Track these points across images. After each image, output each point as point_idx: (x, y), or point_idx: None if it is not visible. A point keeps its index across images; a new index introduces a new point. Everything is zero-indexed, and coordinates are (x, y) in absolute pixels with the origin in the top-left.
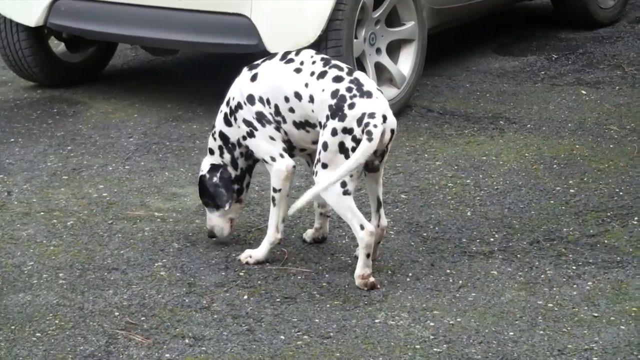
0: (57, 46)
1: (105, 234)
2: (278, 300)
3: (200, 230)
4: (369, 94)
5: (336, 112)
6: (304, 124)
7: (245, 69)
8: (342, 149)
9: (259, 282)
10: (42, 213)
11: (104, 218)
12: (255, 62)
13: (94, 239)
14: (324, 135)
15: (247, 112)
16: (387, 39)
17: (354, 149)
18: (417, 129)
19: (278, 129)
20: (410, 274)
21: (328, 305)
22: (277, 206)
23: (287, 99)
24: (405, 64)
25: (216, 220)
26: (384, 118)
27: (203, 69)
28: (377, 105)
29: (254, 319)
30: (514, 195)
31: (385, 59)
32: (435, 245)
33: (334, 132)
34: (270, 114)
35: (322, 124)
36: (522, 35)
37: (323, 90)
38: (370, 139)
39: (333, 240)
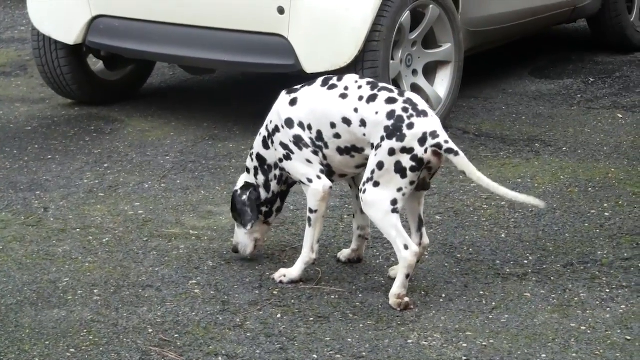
0: (96, 64)
1: (140, 252)
2: (311, 319)
3: None
4: (424, 114)
5: (394, 132)
6: (349, 149)
7: (283, 93)
8: (398, 169)
9: (293, 301)
10: (78, 230)
11: (140, 235)
12: (295, 87)
13: (129, 256)
14: (379, 156)
15: (285, 136)
16: (423, 60)
17: (412, 169)
18: None
19: (316, 152)
20: (443, 295)
21: (361, 325)
22: (313, 227)
23: (333, 125)
24: (442, 85)
25: (242, 237)
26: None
27: (240, 88)
28: (436, 124)
29: (287, 338)
30: (549, 217)
31: (421, 81)
32: (469, 266)
33: (392, 152)
34: (311, 139)
35: (376, 145)
36: (558, 59)
37: (377, 112)
38: (456, 153)
39: (367, 261)
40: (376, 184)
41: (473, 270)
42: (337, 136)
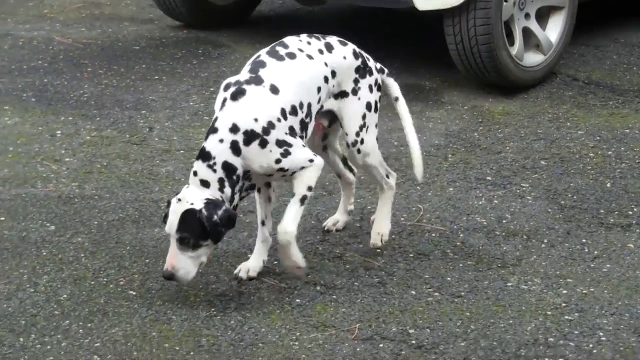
0: None
1: None
2: (411, 255)
3: (337, 180)
4: None
5: (365, 69)
6: (318, 111)
7: (251, 87)
8: (374, 104)
9: (393, 236)
10: (181, 151)
11: None
12: (250, 76)
13: None
14: (362, 98)
15: (281, 130)
16: (536, 4)
17: (380, 99)
18: (561, 97)
19: (303, 138)
20: (545, 241)
21: (461, 265)
22: (305, 205)
23: (319, 89)
24: (554, 30)
25: (184, 262)
26: None
27: (347, 21)
28: None
29: (386, 272)
30: None
31: (533, 25)
32: (572, 213)
33: (370, 89)
34: (302, 120)
35: (350, 90)
36: None
37: (345, 57)
38: (392, 77)
39: (470, 201)
40: (367, 129)
41: (576, 217)
42: (319, 100)
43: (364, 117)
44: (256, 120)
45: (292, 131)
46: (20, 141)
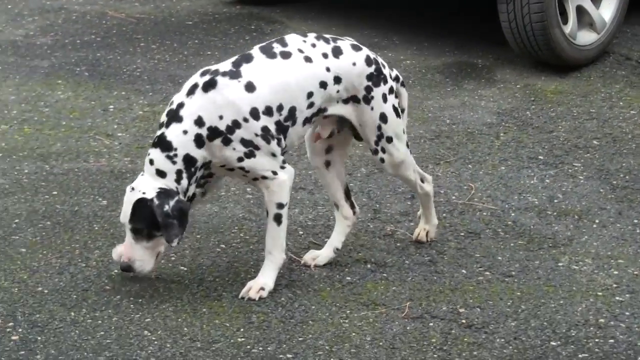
0: None
1: (294, 154)
2: (462, 234)
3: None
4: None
5: (379, 77)
6: (313, 116)
7: (225, 79)
8: (394, 111)
9: (444, 214)
10: None
11: None
12: (230, 69)
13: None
14: (376, 108)
15: (248, 130)
16: None
17: (399, 105)
18: (614, 77)
19: (280, 139)
20: (597, 221)
21: (512, 244)
22: (283, 223)
23: (310, 95)
24: (607, 9)
25: (140, 253)
26: None
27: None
28: None
29: (437, 251)
30: None
31: (587, 3)
32: (624, 194)
33: (385, 98)
34: (278, 121)
35: (362, 97)
36: None
37: (354, 64)
38: (405, 86)
39: (521, 180)
40: (389, 139)
41: (628, 198)
42: (310, 105)
43: (379, 128)
44: (221, 117)
45: (265, 132)
46: (73, 116)
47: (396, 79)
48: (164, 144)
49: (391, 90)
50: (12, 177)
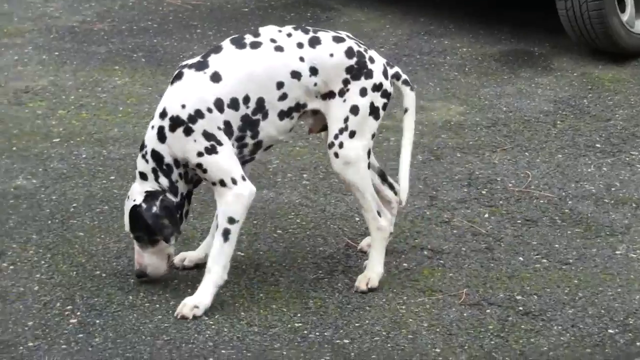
0: None
1: None
2: (519, 221)
3: (446, 145)
4: (368, 47)
5: (360, 70)
6: (292, 110)
7: (191, 71)
8: (372, 110)
9: (501, 202)
10: None
11: None
12: (195, 61)
13: None
14: (349, 100)
15: (211, 122)
16: None
17: (384, 107)
18: None
19: (243, 137)
20: None
21: (569, 232)
22: (231, 241)
23: (280, 85)
24: None
25: (149, 259)
26: None
27: None
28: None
29: (494, 238)
30: None
31: None
32: None
33: (363, 92)
34: (246, 115)
35: (338, 91)
36: None
37: (332, 55)
38: (412, 88)
39: (579, 168)
40: (352, 134)
41: None
42: (283, 97)
43: (346, 119)
44: (183, 106)
45: (227, 127)
46: (130, 101)
47: (395, 76)
48: (141, 145)
49: (377, 87)
50: (69, 162)
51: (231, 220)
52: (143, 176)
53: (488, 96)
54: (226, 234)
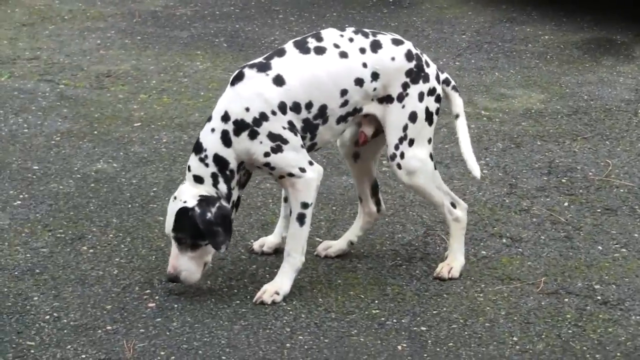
0: None
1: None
2: (599, 210)
3: (526, 133)
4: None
5: (418, 74)
6: (349, 114)
7: (253, 72)
8: (427, 115)
9: (581, 190)
10: None
11: None
12: (259, 62)
13: None
14: (408, 106)
15: (276, 123)
16: None
17: (437, 112)
18: None
19: (304, 137)
20: None
21: None
22: (307, 224)
23: (344, 92)
24: None
25: (186, 263)
26: None
27: None
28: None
29: (573, 227)
30: None
31: None
32: None
33: (421, 97)
34: (307, 119)
35: (396, 95)
36: None
37: (393, 58)
38: (459, 92)
39: None
40: (411, 142)
41: None
42: (345, 103)
43: (405, 128)
44: (247, 110)
45: (291, 126)
46: (212, 86)
47: (445, 81)
48: (197, 147)
49: (432, 92)
50: (150, 146)
51: (305, 205)
52: (198, 179)
53: (569, 84)
54: (301, 218)
